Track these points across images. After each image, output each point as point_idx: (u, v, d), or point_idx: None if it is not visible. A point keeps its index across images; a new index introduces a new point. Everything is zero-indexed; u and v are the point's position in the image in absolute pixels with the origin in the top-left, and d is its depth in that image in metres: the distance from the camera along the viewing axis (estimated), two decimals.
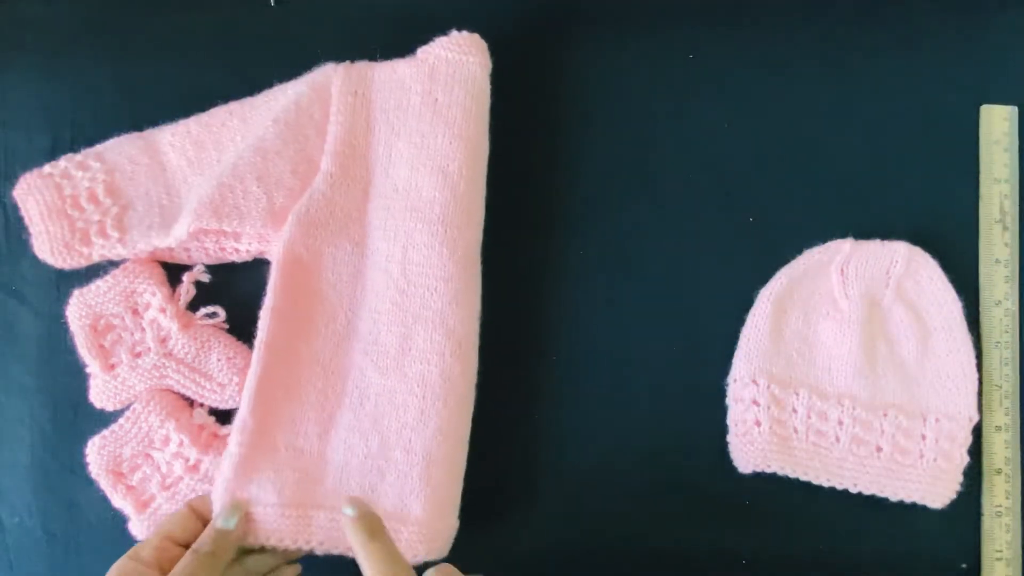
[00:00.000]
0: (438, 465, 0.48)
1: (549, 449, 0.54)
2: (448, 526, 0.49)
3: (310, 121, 0.51)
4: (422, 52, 0.52)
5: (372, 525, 0.42)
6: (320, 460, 0.49)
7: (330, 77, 0.52)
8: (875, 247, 0.53)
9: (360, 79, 0.52)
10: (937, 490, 0.52)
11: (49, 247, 0.51)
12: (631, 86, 0.56)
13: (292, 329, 0.50)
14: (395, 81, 0.52)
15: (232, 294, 0.53)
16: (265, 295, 0.50)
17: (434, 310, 0.50)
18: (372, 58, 0.53)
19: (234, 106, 0.53)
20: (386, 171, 0.51)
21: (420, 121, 0.51)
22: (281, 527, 0.47)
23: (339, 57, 0.53)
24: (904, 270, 0.53)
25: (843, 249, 0.53)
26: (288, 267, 0.50)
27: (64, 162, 0.52)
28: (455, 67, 0.51)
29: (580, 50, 0.56)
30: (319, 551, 0.48)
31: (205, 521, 0.46)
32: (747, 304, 0.54)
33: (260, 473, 0.48)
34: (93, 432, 0.51)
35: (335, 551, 0.47)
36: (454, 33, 0.51)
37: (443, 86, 0.51)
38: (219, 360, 0.52)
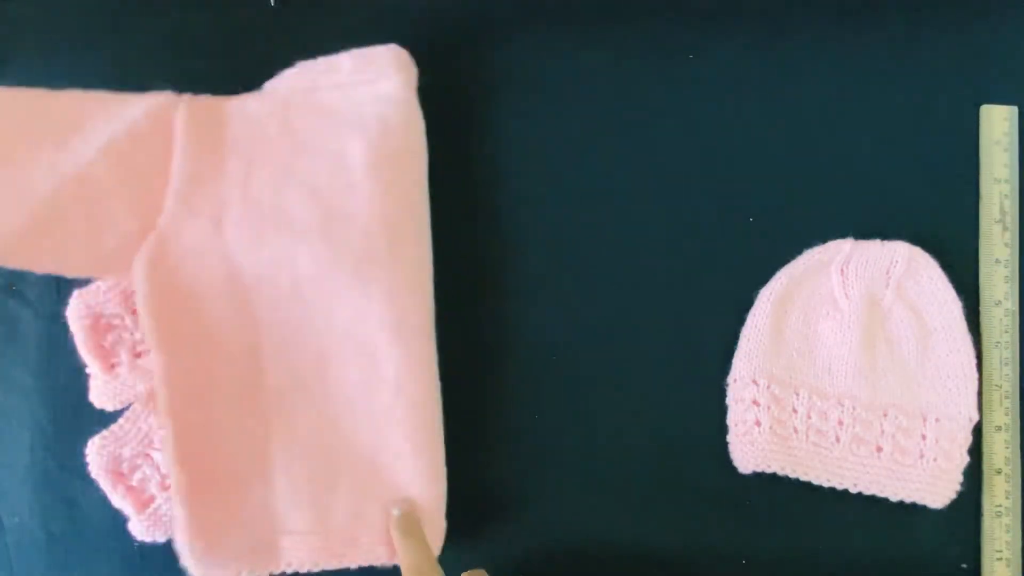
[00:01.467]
0: (388, 470, 0.49)
1: (548, 449, 0.54)
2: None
3: (149, 158, 0.48)
4: (269, 86, 0.52)
5: (407, 525, 0.48)
6: (268, 493, 0.48)
7: (169, 112, 0.49)
8: (875, 247, 0.53)
9: (208, 113, 0.50)
10: (937, 490, 0.52)
11: None
12: (631, 86, 0.56)
13: (190, 381, 0.48)
14: (246, 115, 0.50)
15: None
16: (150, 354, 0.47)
17: (339, 325, 0.49)
18: None
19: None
20: (244, 198, 0.49)
21: (280, 148, 0.50)
22: (253, 560, 0.48)
23: None
24: (904, 270, 0.53)
25: (843, 249, 0.53)
26: (162, 319, 0.47)
27: None
28: (305, 95, 0.50)
29: (580, 49, 0.56)
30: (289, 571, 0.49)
31: None
32: (747, 304, 0.54)
33: (216, 522, 0.47)
34: (93, 432, 0.51)
35: (303, 569, 0.49)
36: (306, 63, 0.51)
37: (299, 113, 0.50)
38: None
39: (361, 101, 0.50)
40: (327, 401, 0.49)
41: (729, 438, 0.53)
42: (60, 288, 0.54)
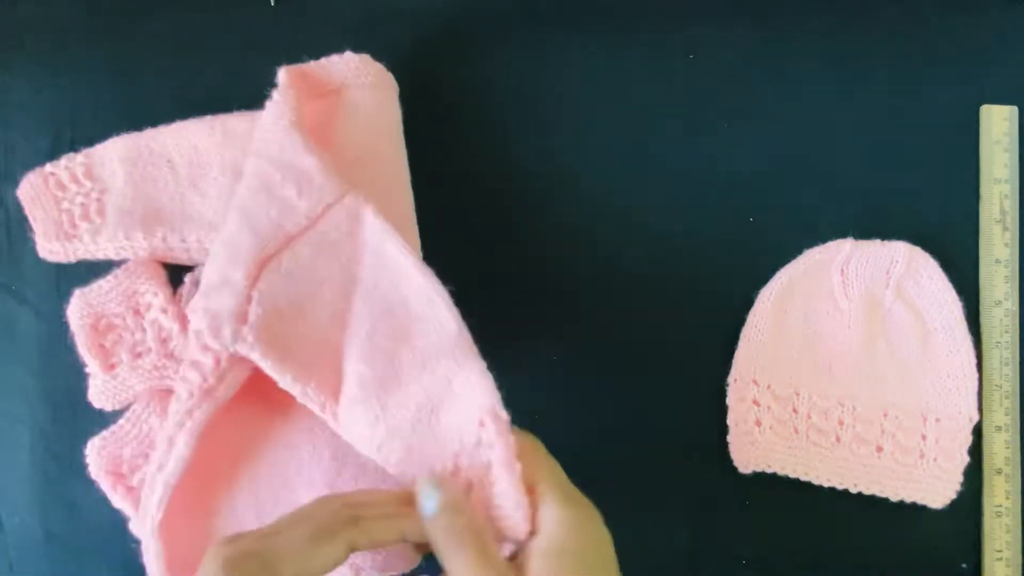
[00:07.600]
0: None
1: (547, 449, 0.54)
2: None
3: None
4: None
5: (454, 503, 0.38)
6: None
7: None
8: (875, 247, 0.53)
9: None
10: (937, 490, 0.52)
11: (43, 234, 0.52)
12: (631, 86, 0.56)
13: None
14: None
15: None
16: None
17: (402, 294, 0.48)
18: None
19: (216, 121, 0.52)
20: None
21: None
22: None
23: None
24: (904, 270, 0.53)
25: (843, 249, 0.53)
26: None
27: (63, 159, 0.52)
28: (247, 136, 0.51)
29: (579, 49, 0.56)
30: None
31: None
32: (747, 304, 0.54)
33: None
34: (93, 432, 0.51)
35: None
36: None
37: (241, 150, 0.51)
38: None
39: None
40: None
41: (729, 438, 0.53)
42: (60, 288, 0.54)
